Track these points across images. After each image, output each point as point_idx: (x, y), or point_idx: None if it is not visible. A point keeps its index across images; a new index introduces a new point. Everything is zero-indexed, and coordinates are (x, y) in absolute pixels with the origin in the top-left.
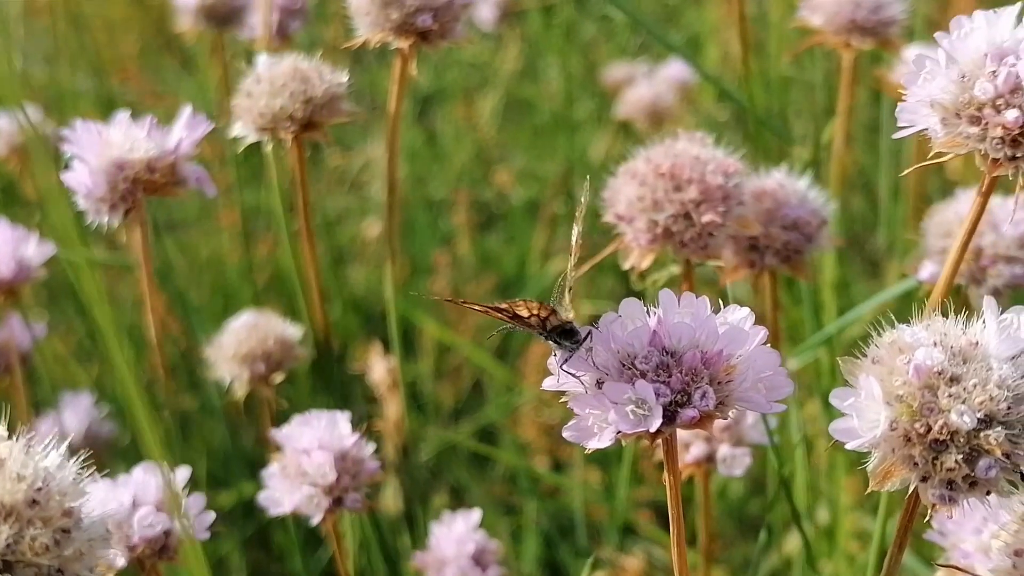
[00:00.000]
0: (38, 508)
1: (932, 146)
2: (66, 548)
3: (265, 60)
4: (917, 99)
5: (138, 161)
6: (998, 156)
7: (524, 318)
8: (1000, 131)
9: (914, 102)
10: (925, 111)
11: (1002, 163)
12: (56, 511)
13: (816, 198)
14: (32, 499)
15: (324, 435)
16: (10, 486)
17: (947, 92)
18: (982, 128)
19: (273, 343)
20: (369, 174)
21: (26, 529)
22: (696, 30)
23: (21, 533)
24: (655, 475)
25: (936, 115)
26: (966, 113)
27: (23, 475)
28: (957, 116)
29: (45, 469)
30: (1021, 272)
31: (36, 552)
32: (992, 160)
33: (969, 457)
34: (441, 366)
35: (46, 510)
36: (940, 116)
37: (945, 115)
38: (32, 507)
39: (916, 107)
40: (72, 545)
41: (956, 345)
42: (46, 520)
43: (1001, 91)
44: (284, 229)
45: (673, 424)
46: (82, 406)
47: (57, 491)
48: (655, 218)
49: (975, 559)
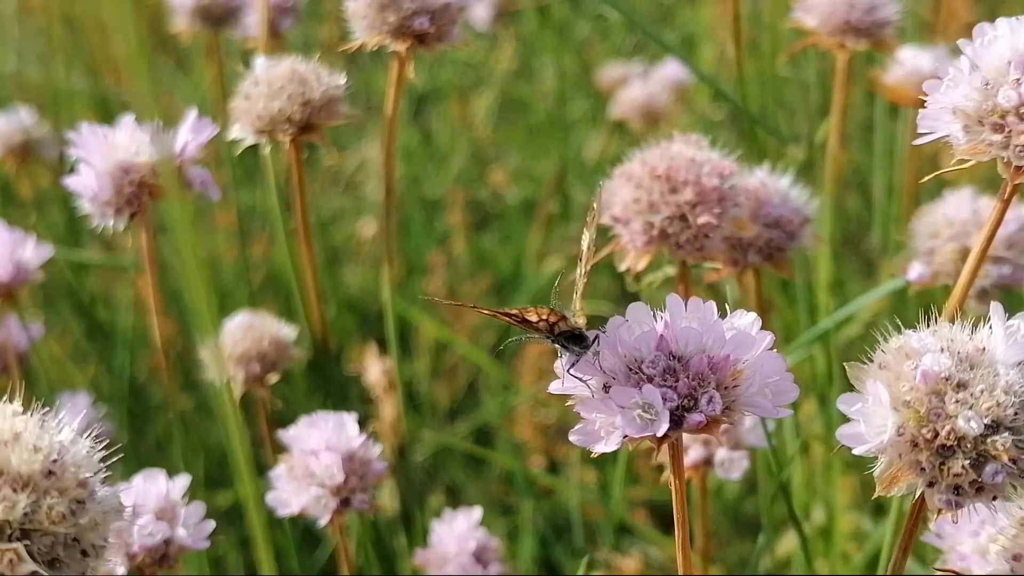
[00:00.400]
0: (54, 479)
1: (953, 153)
2: (81, 517)
3: (263, 62)
4: (940, 106)
5: (144, 165)
6: (1022, 164)
7: (532, 323)
8: (1023, 139)
9: (936, 109)
10: (947, 118)
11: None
12: (71, 482)
13: (798, 196)
14: (48, 470)
15: (332, 436)
16: (27, 456)
17: (970, 99)
18: (1005, 136)
19: (268, 344)
20: (364, 174)
21: (43, 499)
22: (691, 30)
23: (38, 503)
24: (651, 475)
25: (958, 122)
26: (989, 120)
27: (39, 447)
28: (980, 123)
29: (60, 442)
30: (1009, 272)
31: (53, 521)
32: (1016, 168)
33: (976, 462)
34: (437, 365)
35: (62, 481)
36: (962, 123)
37: (967, 122)
38: (48, 478)
39: (938, 114)
40: (87, 515)
41: (963, 351)
42: (62, 490)
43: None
44: (281, 230)
45: (680, 429)
46: (80, 407)
47: (72, 463)
48: (651, 220)
49: (972, 561)
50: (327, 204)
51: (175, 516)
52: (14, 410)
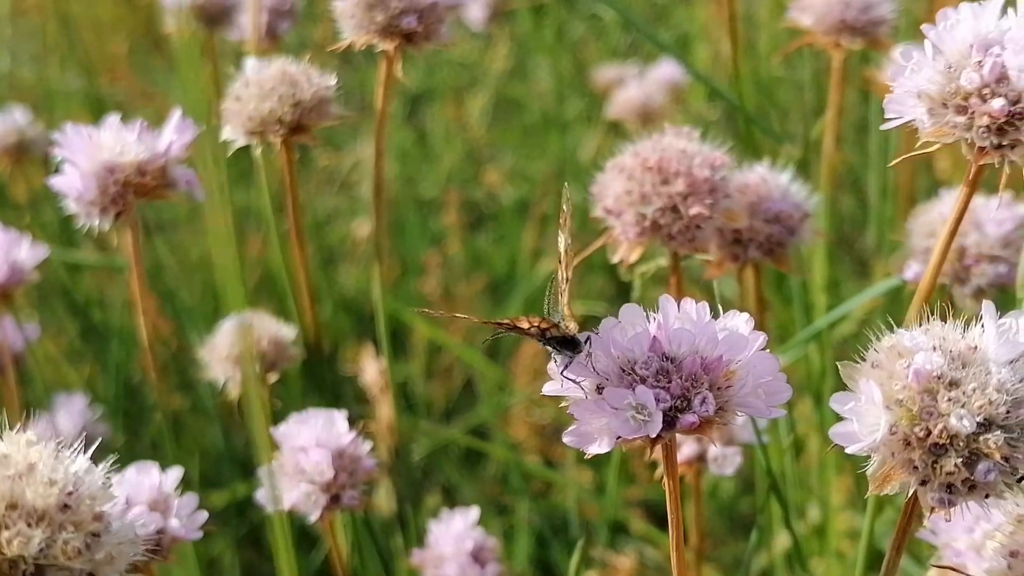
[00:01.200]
0: (69, 512)
1: (920, 136)
2: (97, 552)
3: (253, 64)
4: (904, 90)
5: (128, 164)
6: (984, 144)
7: (524, 330)
8: (986, 120)
9: (901, 93)
10: (912, 102)
11: (988, 151)
12: (87, 515)
13: (798, 192)
14: (64, 503)
15: (321, 433)
16: (42, 490)
17: (934, 83)
18: (968, 117)
19: (267, 344)
20: (359, 174)
21: (58, 533)
22: (686, 29)
23: (53, 537)
24: (646, 474)
25: (923, 106)
26: (953, 103)
27: (54, 479)
28: (944, 106)
29: (75, 474)
30: (1005, 271)
31: (69, 556)
32: (979, 148)
33: (968, 461)
34: (432, 366)
35: (77, 514)
36: (927, 106)
37: (932, 105)
38: (64, 511)
39: (903, 98)
40: (103, 548)
41: (955, 349)
42: (77, 524)
43: (987, 80)
44: (273, 231)
45: (673, 430)
46: (76, 408)
47: (87, 495)
48: (643, 211)
49: (967, 558)
50: (322, 204)
51: (168, 507)
52: (28, 439)
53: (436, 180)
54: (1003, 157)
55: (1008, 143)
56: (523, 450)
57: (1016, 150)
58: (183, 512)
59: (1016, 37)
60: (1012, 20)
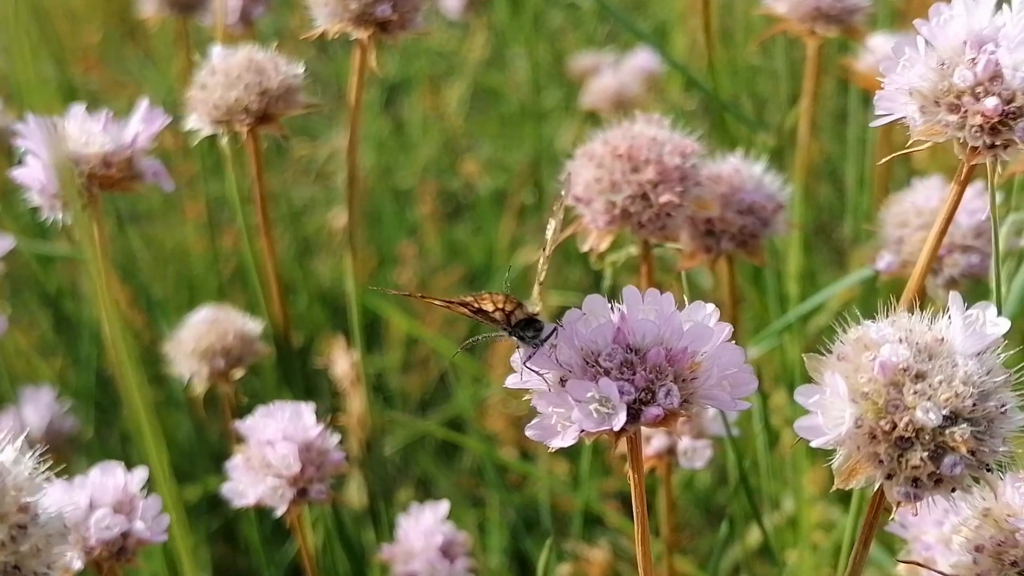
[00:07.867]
0: None
1: (910, 134)
2: (23, 544)
3: (220, 51)
4: (896, 87)
5: (93, 156)
6: (977, 144)
7: (488, 312)
8: (979, 119)
9: (892, 90)
10: (903, 99)
11: (981, 151)
12: (12, 507)
13: (772, 182)
14: None
15: (288, 426)
16: None
17: (926, 80)
18: (961, 116)
19: (233, 338)
20: (335, 164)
21: None
22: (663, 18)
23: None
24: (622, 466)
25: (915, 103)
26: (945, 101)
27: None
28: (936, 104)
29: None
30: (977, 261)
31: None
32: (971, 148)
33: (934, 454)
34: (408, 357)
35: (1, 506)
36: (919, 104)
37: (924, 103)
38: None
39: (894, 95)
40: (29, 541)
41: (922, 341)
42: (2, 516)
43: (980, 79)
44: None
45: (637, 422)
46: (43, 401)
47: (12, 486)
48: (613, 199)
49: (936, 551)
50: (298, 194)
51: (133, 509)
52: None
53: (413, 170)
54: (996, 157)
55: (1001, 143)
56: (499, 442)
57: (1009, 150)
58: (149, 514)
59: (1011, 34)
60: (1007, 16)
